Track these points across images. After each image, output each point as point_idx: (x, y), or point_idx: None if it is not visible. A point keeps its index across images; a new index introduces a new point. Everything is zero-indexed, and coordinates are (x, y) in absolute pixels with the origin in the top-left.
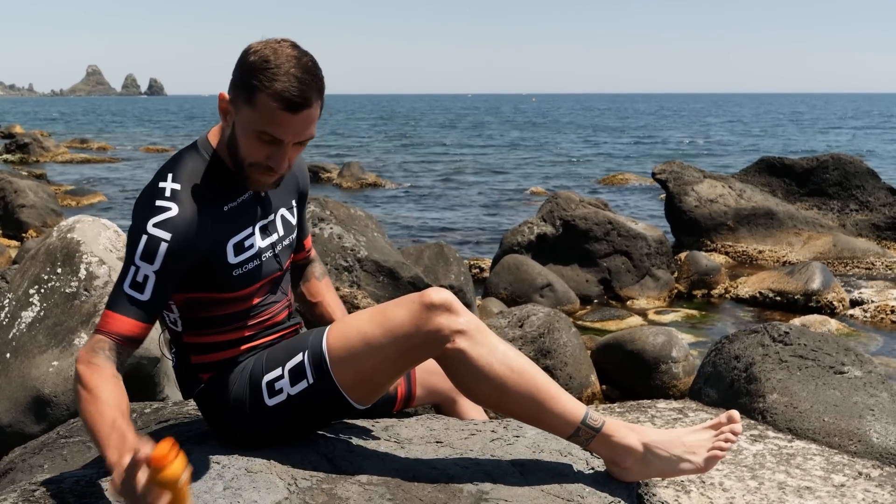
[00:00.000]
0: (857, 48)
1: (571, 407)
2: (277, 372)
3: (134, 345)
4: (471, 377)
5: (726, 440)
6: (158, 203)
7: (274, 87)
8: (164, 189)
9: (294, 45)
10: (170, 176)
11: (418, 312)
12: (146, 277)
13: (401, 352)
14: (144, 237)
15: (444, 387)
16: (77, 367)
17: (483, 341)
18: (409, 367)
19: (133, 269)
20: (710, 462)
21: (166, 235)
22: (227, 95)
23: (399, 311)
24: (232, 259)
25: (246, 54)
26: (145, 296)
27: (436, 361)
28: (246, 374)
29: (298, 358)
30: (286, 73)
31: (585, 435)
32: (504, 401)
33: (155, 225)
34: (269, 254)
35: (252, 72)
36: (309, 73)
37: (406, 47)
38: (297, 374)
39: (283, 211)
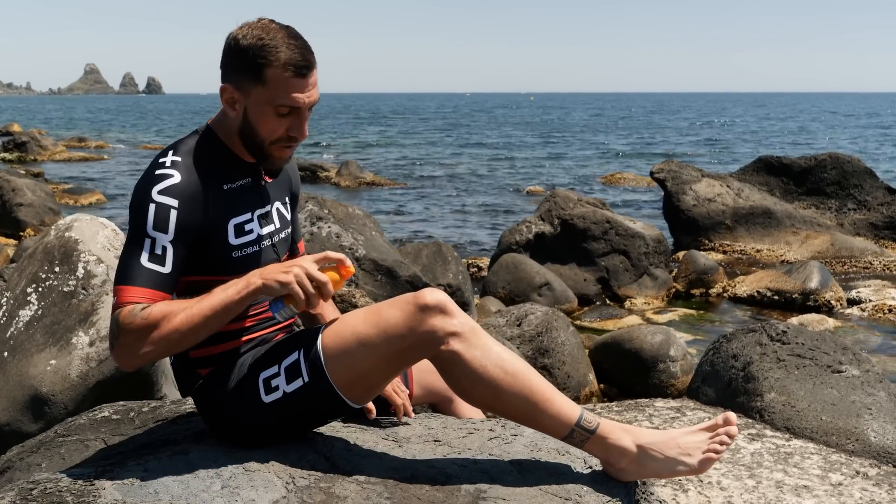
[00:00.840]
0: (858, 48)
1: (566, 409)
2: (274, 369)
3: None
4: (465, 379)
5: (721, 442)
6: (159, 172)
7: (280, 58)
8: (164, 161)
9: (272, 21)
10: (170, 151)
11: (412, 313)
12: (164, 249)
13: (394, 352)
14: (153, 206)
15: (442, 386)
16: (130, 328)
17: (477, 343)
18: (404, 368)
19: (148, 241)
20: (704, 464)
21: (173, 202)
22: (229, 86)
23: (393, 312)
24: (233, 240)
25: (236, 42)
26: (167, 268)
27: (431, 362)
28: (243, 369)
29: (294, 356)
30: (285, 44)
31: (580, 436)
32: (498, 402)
33: (160, 192)
34: (267, 242)
35: (253, 53)
36: (300, 38)
37: (405, 46)
38: (292, 371)
39: (278, 204)
